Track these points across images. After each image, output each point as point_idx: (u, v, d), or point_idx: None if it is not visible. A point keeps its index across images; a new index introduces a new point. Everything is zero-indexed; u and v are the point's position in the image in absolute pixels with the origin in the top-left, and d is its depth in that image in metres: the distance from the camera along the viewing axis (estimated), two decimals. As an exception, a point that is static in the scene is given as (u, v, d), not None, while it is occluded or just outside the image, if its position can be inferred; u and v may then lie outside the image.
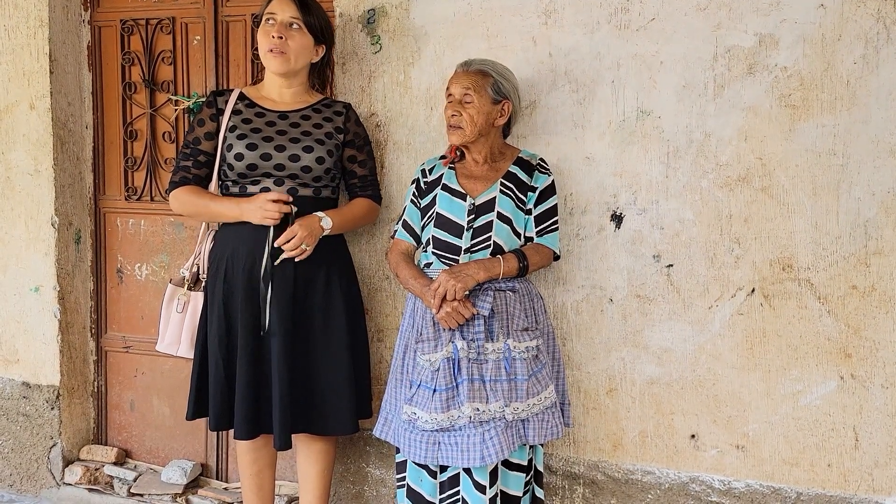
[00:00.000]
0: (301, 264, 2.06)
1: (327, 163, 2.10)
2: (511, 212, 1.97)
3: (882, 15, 1.93)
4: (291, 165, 2.06)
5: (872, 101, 1.95)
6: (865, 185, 1.97)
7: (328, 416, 2.11)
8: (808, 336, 2.04)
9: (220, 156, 2.12)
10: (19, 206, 2.72)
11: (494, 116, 1.98)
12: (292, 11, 2.09)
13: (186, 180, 2.13)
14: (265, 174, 2.06)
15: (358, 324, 2.21)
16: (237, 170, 2.06)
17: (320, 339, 2.10)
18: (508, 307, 1.93)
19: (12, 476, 2.82)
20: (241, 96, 2.16)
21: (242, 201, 2.03)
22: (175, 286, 2.24)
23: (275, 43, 2.06)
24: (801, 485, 2.07)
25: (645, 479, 2.20)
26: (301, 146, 2.07)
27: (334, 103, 2.22)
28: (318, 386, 2.10)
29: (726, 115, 2.05)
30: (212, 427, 2.13)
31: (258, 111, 2.13)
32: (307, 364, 2.10)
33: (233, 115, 2.11)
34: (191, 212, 2.15)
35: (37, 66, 2.64)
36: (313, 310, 2.10)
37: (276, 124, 2.11)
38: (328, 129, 2.14)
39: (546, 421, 1.92)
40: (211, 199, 2.10)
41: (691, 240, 2.11)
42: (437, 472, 1.96)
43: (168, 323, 2.24)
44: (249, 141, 2.05)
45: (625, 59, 2.11)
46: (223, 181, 2.14)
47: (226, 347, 2.08)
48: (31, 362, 2.76)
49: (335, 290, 2.12)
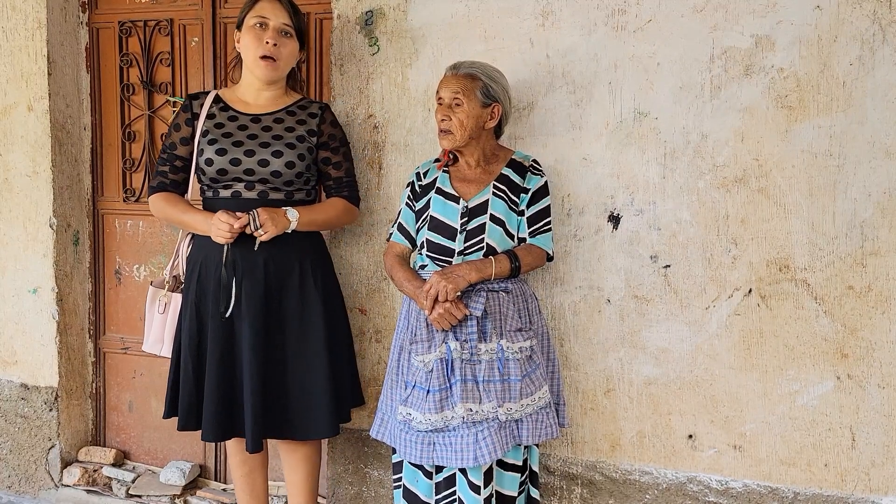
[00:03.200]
0: (273, 264, 2.04)
1: (298, 167, 2.07)
2: (504, 214, 1.97)
3: (878, 16, 1.93)
4: (261, 170, 2.03)
5: (868, 102, 1.96)
6: (861, 186, 1.98)
7: (304, 420, 2.07)
8: (805, 336, 2.05)
9: (194, 161, 2.11)
10: (17, 208, 2.72)
11: (484, 120, 1.98)
12: (285, 18, 2.07)
13: (164, 186, 2.14)
14: (236, 178, 2.04)
15: (338, 322, 2.18)
16: (209, 174, 2.05)
17: (295, 339, 2.07)
18: (502, 308, 1.93)
19: (11, 478, 2.82)
20: (216, 99, 2.14)
21: (210, 216, 2.01)
22: (156, 288, 2.24)
23: (269, 50, 2.04)
24: (798, 484, 2.08)
25: (643, 480, 2.20)
26: (270, 151, 2.04)
27: (310, 104, 2.18)
28: (292, 389, 2.07)
29: (723, 117, 2.06)
30: (179, 426, 2.10)
31: (231, 115, 2.11)
32: (281, 366, 2.07)
33: (207, 119, 2.10)
34: (165, 219, 2.17)
35: (35, 67, 2.65)
36: (287, 311, 2.07)
37: (248, 128, 2.09)
38: (300, 133, 2.11)
39: (540, 421, 1.92)
40: (183, 210, 2.09)
41: (688, 240, 2.11)
42: (432, 473, 1.96)
43: (152, 324, 2.25)
44: (219, 146, 2.04)
45: (622, 60, 2.12)
46: (200, 185, 2.14)
47: (196, 348, 2.08)
48: (30, 364, 2.76)
49: (310, 289, 2.09)
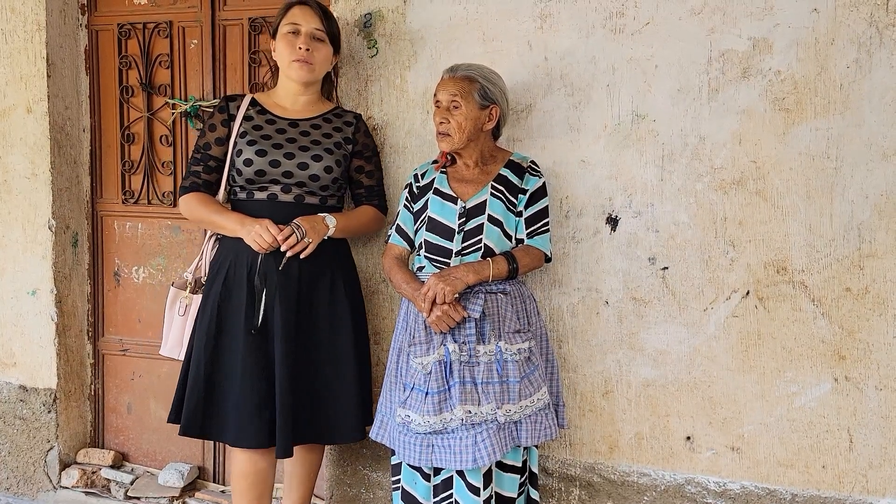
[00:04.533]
0: (306, 268, 2.05)
1: (335, 172, 2.09)
2: (502, 214, 1.98)
3: (875, 19, 1.94)
4: (300, 173, 2.05)
5: (865, 104, 1.96)
6: (859, 188, 1.98)
7: (335, 425, 2.08)
8: (803, 338, 2.05)
9: (229, 161, 2.11)
10: (16, 210, 2.72)
11: (483, 121, 1.98)
12: (316, 23, 2.09)
13: (196, 186, 2.13)
14: (273, 181, 2.05)
15: (362, 330, 2.20)
16: (245, 175, 2.05)
17: (326, 345, 2.08)
18: (500, 309, 1.93)
19: (9, 479, 2.81)
20: (252, 102, 2.15)
21: (246, 221, 2.01)
22: (177, 289, 2.22)
23: (302, 54, 2.06)
24: (795, 486, 2.08)
25: (641, 481, 2.20)
26: (310, 154, 2.06)
27: (345, 113, 2.22)
28: (323, 394, 2.07)
29: (721, 119, 2.06)
30: (180, 430, 2.03)
31: (269, 118, 2.12)
32: (312, 371, 2.07)
33: (244, 121, 2.10)
34: (196, 219, 2.14)
35: (34, 69, 2.65)
36: (318, 315, 2.08)
37: (286, 132, 2.10)
38: (337, 139, 2.13)
39: (539, 422, 1.92)
40: (216, 210, 2.08)
41: (686, 242, 2.12)
42: (430, 475, 1.96)
43: (171, 326, 2.21)
44: (259, 147, 2.04)
45: (620, 62, 2.12)
46: (231, 186, 2.13)
47: (212, 350, 2.04)
48: (28, 365, 2.76)
49: (340, 296, 2.10)
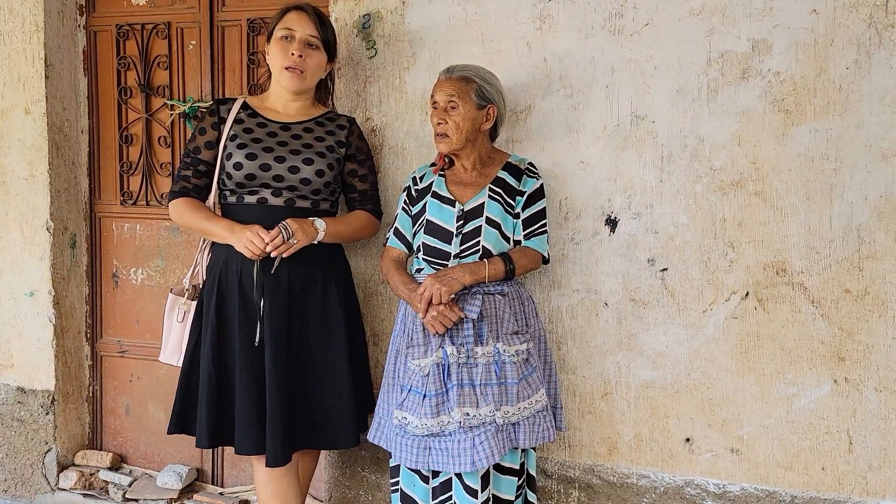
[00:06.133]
0: (297, 273, 2.02)
1: (327, 176, 2.06)
2: (500, 216, 1.97)
3: (874, 20, 1.94)
4: (290, 177, 2.02)
5: (865, 105, 1.96)
6: (858, 190, 1.98)
7: (329, 431, 2.06)
8: (802, 339, 2.05)
9: (219, 165, 2.07)
10: (14, 211, 2.72)
11: (480, 121, 1.98)
12: (311, 29, 2.06)
13: (186, 191, 2.09)
14: (263, 184, 2.02)
15: (357, 335, 2.18)
16: (235, 179, 2.01)
17: (319, 350, 2.06)
18: (498, 311, 1.93)
19: (7, 481, 2.81)
20: (244, 105, 2.12)
21: (236, 227, 1.98)
22: (176, 296, 2.19)
23: (294, 61, 2.03)
24: (795, 488, 2.08)
25: (640, 483, 2.20)
26: (301, 158, 2.03)
27: (338, 117, 2.19)
28: (317, 399, 2.05)
29: (720, 120, 2.06)
30: (200, 444, 2.00)
31: (260, 121, 2.09)
32: (305, 377, 2.05)
33: (234, 124, 2.07)
34: (186, 226, 2.11)
35: (32, 70, 2.64)
36: (310, 321, 2.06)
37: (277, 135, 2.07)
38: (330, 143, 2.11)
39: (537, 424, 1.92)
40: (206, 217, 2.04)
41: (685, 244, 2.12)
42: (429, 477, 1.96)
43: (170, 333, 2.18)
44: (249, 150, 2.01)
45: (619, 64, 2.12)
46: (221, 190, 2.10)
47: (218, 363, 2.02)
48: (26, 367, 2.76)
49: (333, 301, 2.08)
